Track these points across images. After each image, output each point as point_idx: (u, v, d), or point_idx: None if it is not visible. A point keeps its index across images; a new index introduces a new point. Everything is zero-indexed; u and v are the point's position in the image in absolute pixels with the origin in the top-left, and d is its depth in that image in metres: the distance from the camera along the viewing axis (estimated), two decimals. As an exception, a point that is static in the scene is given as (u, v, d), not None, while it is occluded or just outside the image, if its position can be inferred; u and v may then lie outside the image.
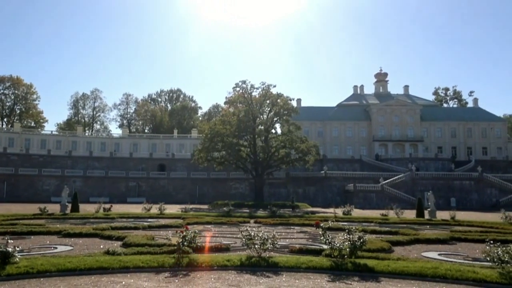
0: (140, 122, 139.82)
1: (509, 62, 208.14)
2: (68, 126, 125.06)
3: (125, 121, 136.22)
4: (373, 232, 24.63)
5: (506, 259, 12.28)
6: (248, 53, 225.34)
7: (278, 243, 15.26)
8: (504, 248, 12.61)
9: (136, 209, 44.22)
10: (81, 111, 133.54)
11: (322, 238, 14.97)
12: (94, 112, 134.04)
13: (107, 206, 40.88)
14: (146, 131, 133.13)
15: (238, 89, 70.40)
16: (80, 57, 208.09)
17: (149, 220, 31.92)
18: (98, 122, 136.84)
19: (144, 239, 18.05)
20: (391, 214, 39.75)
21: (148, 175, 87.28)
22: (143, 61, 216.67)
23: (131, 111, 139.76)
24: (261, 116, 71.90)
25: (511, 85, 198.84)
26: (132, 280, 11.50)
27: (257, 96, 70.61)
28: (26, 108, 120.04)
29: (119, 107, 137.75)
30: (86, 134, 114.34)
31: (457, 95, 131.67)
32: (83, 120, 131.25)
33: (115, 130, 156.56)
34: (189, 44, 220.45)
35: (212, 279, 11.77)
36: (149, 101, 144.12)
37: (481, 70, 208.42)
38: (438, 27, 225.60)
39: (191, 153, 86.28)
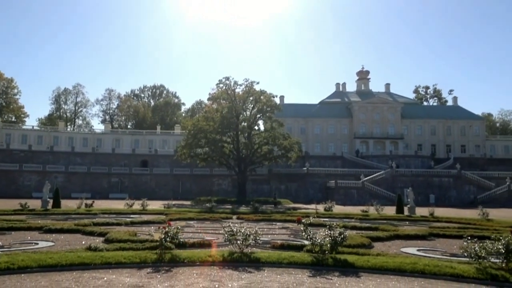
0: (123, 118, 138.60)
1: (488, 61, 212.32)
2: (50, 121, 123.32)
3: (107, 117, 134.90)
4: (354, 228, 24.99)
5: (483, 255, 12.54)
6: (232, 50, 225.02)
7: (260, 239, 15.38)
8: (481, 244, 12.88)
9: (118, 205, 43.89)
10: (63, 106, 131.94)
11: (303, 234, 15.14)
12: (76, 108, 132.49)
13: (89, 202, 40.53)
14: (129, 127, 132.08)
15: (221, 85, 70.27)
16: (62, 51, 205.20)
17: (132, 216, 31.81)
18: (80, 118, 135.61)
19: (127, 235, 18.02)
20: (372, 210, 40.17)
21: (130, 171, 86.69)
22: (126, 56, 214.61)
23: (114, 106, 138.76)
24: (244, 113, 71.94)
25: (490, 84, 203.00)
26: (114, 276, 11.51)
27: (240, 92, 70.62)
28: (7, 103, 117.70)
29: (101, 102, 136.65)
30: (68, 129, 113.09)
31: (437, 94, 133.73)
32: (65, 115, 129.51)
33: (98, 126, 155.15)
34: (173, 40, 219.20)
35: (194, 274, 11.85)
36: (132, 96, 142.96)
37: (460, 69, 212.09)
38: (420, 26, 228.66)
39: (174, 149, 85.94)
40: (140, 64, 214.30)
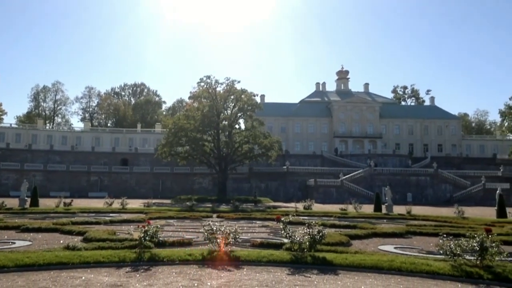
0: (103, 116, 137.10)
1: (464, 62, 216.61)
2: (28, 119, 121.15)
3: (87, 115, 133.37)
4: (333, 226, 25.18)
5: (458, 252, 12.71)
6: (213, 49, 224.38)
7: (240, 237, 15.41)
8: (456, 242, 13.03)
9: (97, 204, 43.41)
10: (42, 104, 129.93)
11: (283, 232, 15.24)
12: (55, 105, 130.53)
13: (68, 200, 39.98)
14: (109, 125, 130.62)
15: (202, 84, 69.94)
16: (42, 48, 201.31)
17: (111, 215, 31.53)
18: (60, 116, 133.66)
19: (105, 234, 17.87)
20: (350, 208, 40.50)
21: (110, 170, 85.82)
22: (107, 54, 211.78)
23: (94, 104, 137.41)
24: (225, 112, 71.81)
25: (466, 84, 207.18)
26: (92, 275, 11.41)
27: (221, 91, 70.43)
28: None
29: (81, 100, 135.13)
30: (47, 127, 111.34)
31: (414, 94, 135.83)
32: (43, 113, 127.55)
33: (77, 124, 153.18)
34: (154, 38, 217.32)
35: (174, 273, 11.82)
36: (112, 94, 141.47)
37: (437, 70, 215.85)
38: (398, 27, 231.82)
39: (154, 147, 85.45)
40: (120, 62, 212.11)
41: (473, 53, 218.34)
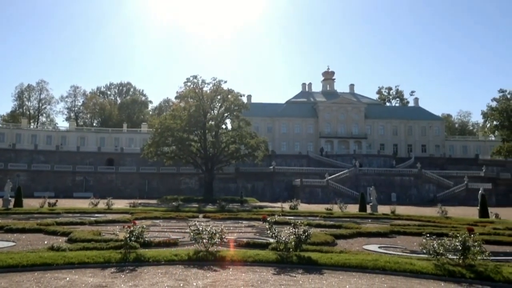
0: (88, 116, 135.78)
1: (448, 63, 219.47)
2: (12, 118, 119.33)
3: (72, 114, 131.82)
4: (318, 226, 25.33)
5: (441, 252, 12.83)
6: (200, 49, 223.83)
7: (226, 237, 15.48)
8: (439, 241, 13.16)
9: (83, 204, 42.98)
10: (26, 103, 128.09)
11: (269, 232, 15.30)
12: (40, 104, 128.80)
13: (53, 201, 39.49)
14: (94, 124, 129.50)
15: (189, 84, 69.79)
16: (26, 47, 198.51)
17: (96, 215, 31.31)
18: (44, 115, 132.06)
19: (90, 235, 17.74)
20: (336, 208, 40.75)
21: (95, 170, 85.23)
22: (93, 53, 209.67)
23: (79, 104, 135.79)
24: (212, 112, 71.77)
25: (449, 85, 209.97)
26: (76, 276, 11.33)
27: (208, 91, 70.34)
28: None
29: (66, 99, 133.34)
30: (31, 126, 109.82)
31: (399, 95, 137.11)
32: (28, 112, 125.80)
33: (62, 123, 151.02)
34: (141, 37, 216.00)
35: (159, 274, 11.80)
36: (98, 94, 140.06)
37: (422, 71, 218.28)
38: (383, 28, 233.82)
39: (140, 147, 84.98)
40: (106, 61, 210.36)
41: (457, 54, 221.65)
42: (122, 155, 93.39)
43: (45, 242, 16.97)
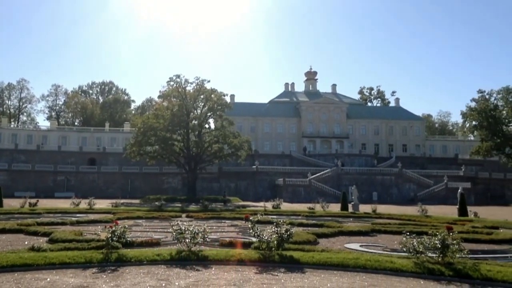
0: (70, 115, 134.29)
1: (428, 64, 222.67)
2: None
3: (53, 113, 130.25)
4: (300, 225, 25.49)
5: (420, 250, 12.97)
6: (183, 49, 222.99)
7: (209, 236, 15.43)
8: (419, 240, 13.29)
9: (64, 204, 42.34)
10: (6, 102, 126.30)
11: (251, 231, 15.35)
12: (21, 103, 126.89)
13: (33, 201, 38.93)
14: (76, 124, 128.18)
15: (172, 83, 69.37)
16: (6, 45, 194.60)
17: (78, 215, 30.98)
18: (25, 114, 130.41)
19: (72, 235, 17.56)
20: (318, 207, 40.91)
21: (77, 169, 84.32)
22: (74, 51, 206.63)
23: (60, 103, 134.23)
24: (195, 111, 71.56)
25: (430, 86, 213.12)
26: (57, 277, 11.23)
27: (191, 91, 70.06)
28: None
29: (47, 98, 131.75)
30: (12, 125, 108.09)
31: (380, 95, 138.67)
32: (8, 111, 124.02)
33: (43, 123, 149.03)
34: (124, 36, 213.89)
35: (141, 273, 11.75)
36: (80, 93, 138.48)
37: (402, 71, 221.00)
38: (365, 29, 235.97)
39: (123, 147, 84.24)
40: (88, 60, 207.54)
41: (437, 55, 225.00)
42: (104, 154, 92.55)
43: (26, 243, 16.74)
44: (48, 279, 10.95)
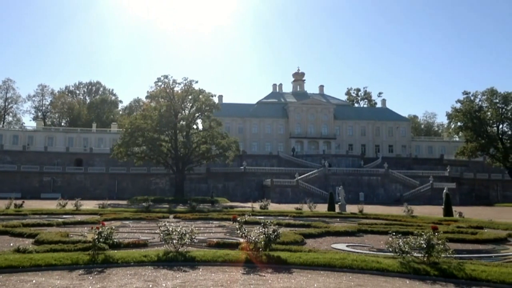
0: (57, 115, 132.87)
1: (415, 66, 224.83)
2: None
3: (40, 114, 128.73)
4: (288, 225, 25.58)
5: (406, 250, 13.10)
6: (171, 50, 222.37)
7: (197, 237, 15.45)
8: (405, 240, 13.43)
9: (50, 205, 41.98)
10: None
11: (239, 232, 15.37)
12: (6, 104, 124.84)
13: (19, 202, 38.52)
14: (62, 124, 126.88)
15: (160, 83, 69.08)
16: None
17: (64, 216, 30.68)
18: (11, 114, 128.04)
19: (58, 236, 17.43)
20: (305, 208, 41.04)
21: (64, 170, 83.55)
22: (61, 51, 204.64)
23: (47, 103, 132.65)
24: (183, 112, 71.39)
25: (416, 87, 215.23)
26: (43, 279, 11.15)
27: (179, 91, 69.83)
28: None
29: (33, 98, 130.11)
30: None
31: (367, 96, 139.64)
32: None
33: (29, 123, 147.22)
34: (112, 35, 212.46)
35: (128, 275, 11.73)
36: (67, 93, 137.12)
37: (389, 72, 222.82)
38: (352, 30, 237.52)
39: (110, 147, 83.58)
40: (75, 60, 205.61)
41: (423, 57, 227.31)
42: (91, 155, 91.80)
43: (11, 244, 16.55)
44: (34, 281, 10.87)
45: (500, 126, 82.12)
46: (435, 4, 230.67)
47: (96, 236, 13.83)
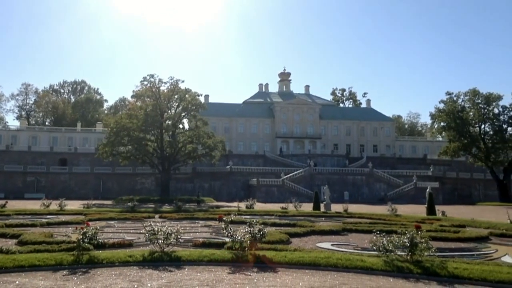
0: (41, 114, 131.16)
1: (399, 66, 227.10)
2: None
3: (23, 113, 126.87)
4: (273, 224, 25.69)
5: (390, 248, 13.29)
6: (157, 49, 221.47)
7: (182, 237, 15.43)
8: (388, 238, 13.62)
9: (34, 205, 41.54)
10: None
11: (224, 231, 15.41)
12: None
13: (2, 202, 38.11)
14: (47, 123, 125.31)
15: (146, 83, 68.58)
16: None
17: (48, 216, 30.35)
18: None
19: (42, 237, 17.25)
20: (291, 207, 41.25)
21: (48, 170, 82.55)
22: (45, 49, 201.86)
23: (31, 102, 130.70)
24: (169, 111, 70.99)
25: (400, 87, 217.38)
26: (27, 280, 11.06)
27: (165, 90, 69.44)
28: None
29: (17, 97, 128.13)
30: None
31: (352, 96, 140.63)
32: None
33: (13, 122, 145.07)
34: (97, 34, 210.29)
35: (113, 275, 11.68)
36: (51, 92, 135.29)
37: (374, 73, 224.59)
38: (337, 31, 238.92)
39: (95, 147, 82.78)
40: (60, 58, 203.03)
41: (407, 57, 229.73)
42: (76, 155, 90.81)
43: (-6, 245, 16.34)
44: (17, 282, 10.77)
45: (482, 126, 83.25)
46: (419, 5, 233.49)
47: (81, 237, 13.76)
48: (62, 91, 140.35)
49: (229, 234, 14.96)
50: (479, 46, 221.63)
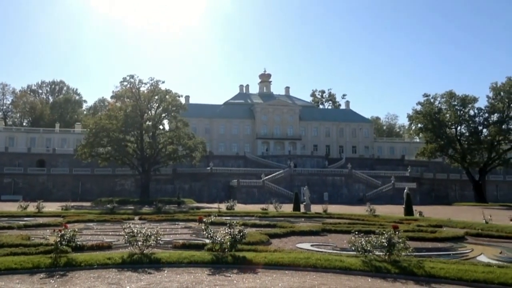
0: (18, 115, 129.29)
1: (377, 68, 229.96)
2: None
3: (0, 113, 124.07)
4: (254, 225, 25.77)
5: (368, 248, 13.45)
6: (138, 50, 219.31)
7: (162, 239, 15.37)
8: (367, 239, 13.78)
9: (11, 207, 40.72)
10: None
11: (205, 233, 15.41)
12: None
13: (-23, 204, 37.15)
14: (24, 124, 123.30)
15: (125, 83, 67.89)
16: None
17: (26, 219, 29.65)
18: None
19: (19, 239, 16.95)
20: (271, 208, 41.28)
21: (25, 171, 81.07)
22: (23, 49, 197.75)
23: (8, 102, 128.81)
24: (149, 112, 70.46)
25: (378, 89, 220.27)
26: (3, 283, 10.88)
27: (145, 91, 68.89)
28: None
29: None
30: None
31: (331, 98, 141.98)
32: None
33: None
34: (77, 33, 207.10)
35: (92, 278, 11.58)
36: (29, 92, 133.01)
37: (353, 75, 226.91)
38: (318, 32, 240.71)
39: (74, 148, 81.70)
40: (38, 58, 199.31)
41: (385, 60, 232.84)
42: (54, 156, 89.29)
43: (-32, 249, 15.98)
44: (-7, 286, 10.61)
45: (458, 127, 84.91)
46: (397, 7, 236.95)
47: (59, 239, 13.55)
48: (40, 91, 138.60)
49: (209, 236, 14.96)
50: (456, 49, 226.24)
